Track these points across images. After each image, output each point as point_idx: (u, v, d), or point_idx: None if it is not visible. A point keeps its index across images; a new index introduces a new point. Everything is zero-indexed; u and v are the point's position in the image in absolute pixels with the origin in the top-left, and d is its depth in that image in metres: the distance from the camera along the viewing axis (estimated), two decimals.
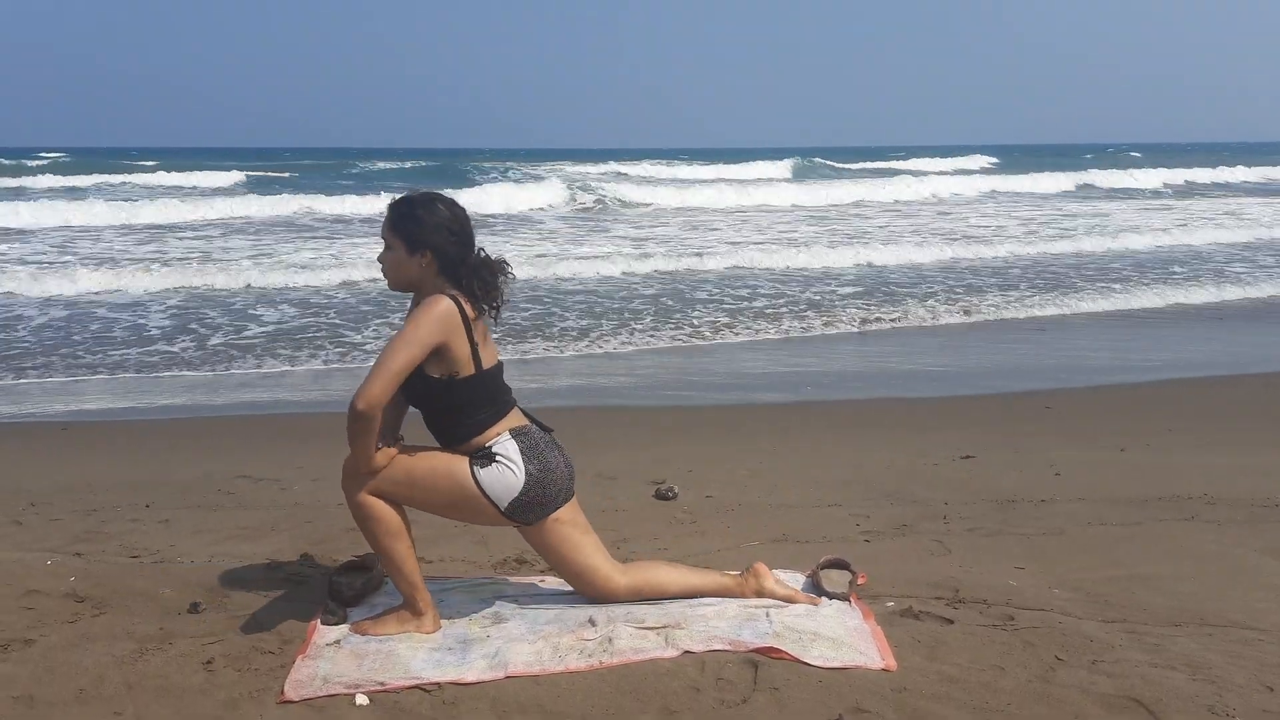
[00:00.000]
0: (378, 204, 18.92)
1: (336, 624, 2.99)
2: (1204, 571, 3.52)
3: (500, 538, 3.97)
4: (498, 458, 2.91)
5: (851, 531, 4.07)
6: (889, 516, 4.30)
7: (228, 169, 36.70)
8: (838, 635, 2.87)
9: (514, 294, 3.23)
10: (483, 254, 2.95)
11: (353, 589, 3.14)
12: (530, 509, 2.96)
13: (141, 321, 10.60)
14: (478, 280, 2.89)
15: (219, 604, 3.14)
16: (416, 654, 2.78)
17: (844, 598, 3.15)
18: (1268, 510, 4.28)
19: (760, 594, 3.13)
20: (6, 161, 43.41)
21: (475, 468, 2.90)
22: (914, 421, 6.54)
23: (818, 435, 5.98)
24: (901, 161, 56.95)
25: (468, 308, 2.86)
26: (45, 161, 45.36)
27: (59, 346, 9.33)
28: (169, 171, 36.44)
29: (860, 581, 3.26)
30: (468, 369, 2.87)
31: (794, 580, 3.30)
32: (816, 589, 3.21)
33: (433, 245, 2.88)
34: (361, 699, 2.58)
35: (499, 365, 2.99)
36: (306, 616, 3.04)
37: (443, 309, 2.81)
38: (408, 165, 46.86)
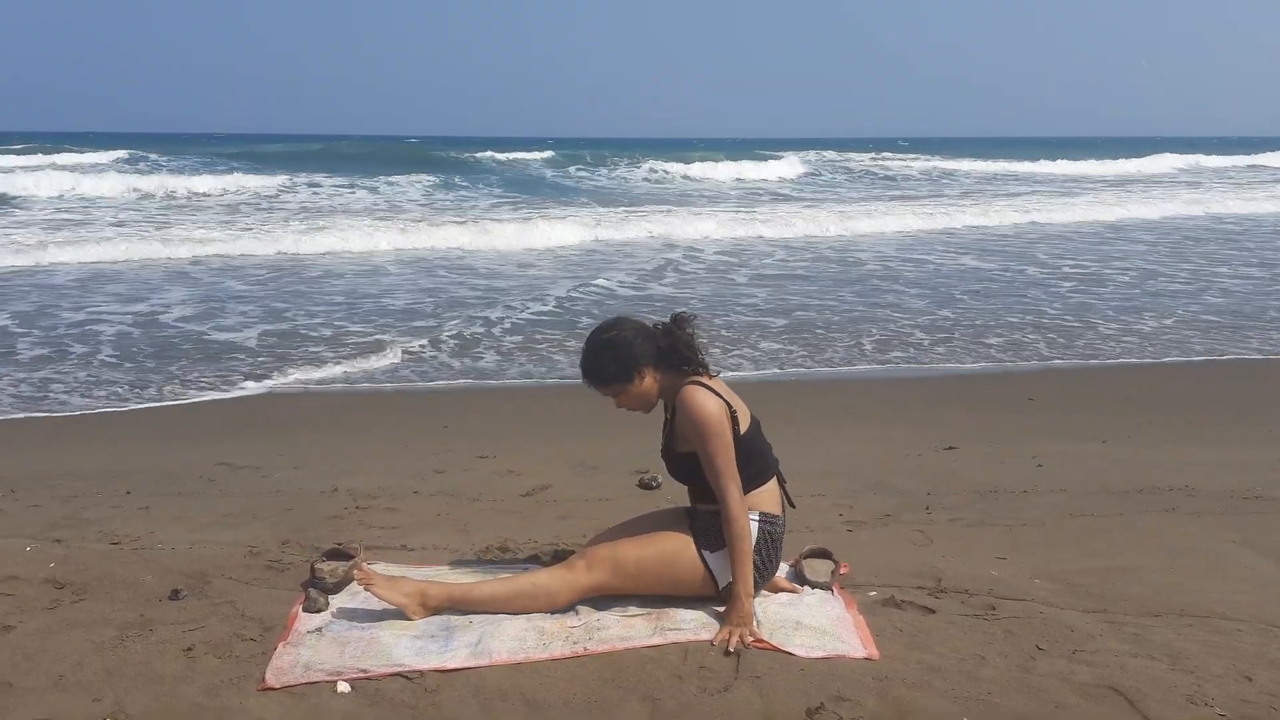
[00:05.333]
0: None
1: (318, 611, 2.98)
2: (1183, 562, 3.55)
3: (482, 525, 3.97)
4: None
5: (834, 521, 4.08)
6: (872, 506, 4.32)
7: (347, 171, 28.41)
8: (820, 624, 2.88)
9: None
10: (660, 326, 3.07)
11: (335, 576, 3.13)
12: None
13: None
14: (682, 346, 3.03)
15: (200, 591, 3.12)
16: (399, 641, 2.77)
17: (826, 587, 3.16)
18: (1247, 502, 4.31)
19: None
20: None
21: (704, 550, 2.96)
22: (897, 412, 6.56)
23: (801, 425, 5.98)
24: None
25: (702, 379, 3.00)
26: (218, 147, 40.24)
27: None
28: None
29: (843, 571, 3.27)
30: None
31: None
32: (799, 578, 3.22)
33: (642, 360, 3.02)
34: (343, 686, 2.57)
35: (754, 424, 3.06)
36: (288, 604, 3.02)
37: (708, 406, 2.92)
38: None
